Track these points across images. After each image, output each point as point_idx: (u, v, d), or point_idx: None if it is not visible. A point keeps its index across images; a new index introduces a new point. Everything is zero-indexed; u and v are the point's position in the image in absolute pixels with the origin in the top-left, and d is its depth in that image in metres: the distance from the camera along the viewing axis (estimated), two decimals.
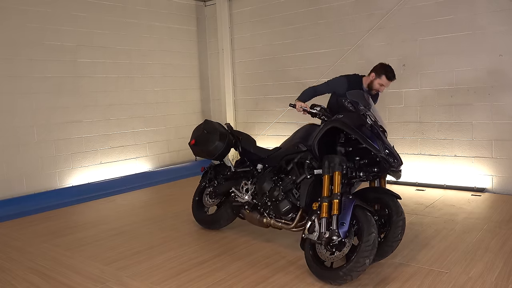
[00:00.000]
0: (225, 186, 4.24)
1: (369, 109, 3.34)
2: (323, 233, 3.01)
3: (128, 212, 5.23)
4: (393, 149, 3.23)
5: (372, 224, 2.95)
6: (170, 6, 7.47)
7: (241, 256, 3.66)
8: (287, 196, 3.55)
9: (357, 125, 3.17)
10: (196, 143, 4.30)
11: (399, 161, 3.22)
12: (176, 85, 7.62)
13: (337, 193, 3.08)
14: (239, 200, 3.97)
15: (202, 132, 4.32)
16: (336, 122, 3.23)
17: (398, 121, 5.95)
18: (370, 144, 3.08)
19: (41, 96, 5.85)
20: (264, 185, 3.71)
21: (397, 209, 3.25)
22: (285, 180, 3.61)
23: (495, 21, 5.10)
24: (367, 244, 2.88)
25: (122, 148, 6.81)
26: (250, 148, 4.17)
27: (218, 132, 4.21)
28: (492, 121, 5.24)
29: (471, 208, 4.72)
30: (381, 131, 3.27)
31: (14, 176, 5.62)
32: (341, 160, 3.20)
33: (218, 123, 4.42)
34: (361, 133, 3.11)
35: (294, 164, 3.59)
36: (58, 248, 4.06)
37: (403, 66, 5.81)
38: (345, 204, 3.02)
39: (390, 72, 3.97)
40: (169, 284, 3.19)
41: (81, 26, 6.23)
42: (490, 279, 3.01)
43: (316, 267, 3.09)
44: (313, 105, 3.59)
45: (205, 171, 4.55)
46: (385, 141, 3.20)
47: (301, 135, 3.75)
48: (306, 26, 6.72)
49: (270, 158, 3.92)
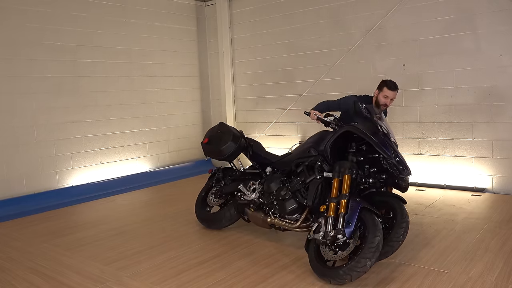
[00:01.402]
0: (232, 186, 4.27)
1: (382, 120, 3.45)
2: (329, 231, 3.04)
3: (128, 212, 5.23)
4: (403, 159, 3.32)
5: (379, 228, 2.98)
6: (170, 6, 7.47)
7: (241, 256, 3.66)
8: (294, 195, 3.59)
9: (371, 131, 3.25)
10: (209, 142, 4.34)
11: (408, 170, 3.31)
12: (176, 85, 7.62)
13: (345, 193, 3.14)
14: (245, 198, 3.99)
15: (216, 132, 4.37)
16: (350, 127, 3.32)
17: (398, 121, 5.95)
18: (383, 149, 3.17)
19: (41, 96, 5.84)
20: (272, 184, 3.77)
21: (402, 212, 3.30)
22: (293, 181, 3.66)
23: (495, 21, 5.10)
24: (371, 246, 2.89)
25: (122, 148, 6.81)
26: (261, 152, 4.24)
27: (231, 133, 4.26)
28: (492, 121, 5.24)
29: (471, 208, 4.72)
30: (393, 143, 3.36)
31: (14, 176, 5.62)
32: (351, 165, 3.28)
33: (232, 126, 4.49)
34: (374, 139, 3.19)
35: (304, 167, 3.63)
36: (58, 248, 4.06)
37: (403, 66, 5.81)
38: (352, 206, 3.07)
39: (390, 82, 4.10)
40: (169, 284, 3.19)
41: (81, 26, 6.23)
42: (490, 279, 3.01)
43: (317, 265, 3.10)
44: (327, 114, 3.64)
45: (212, 173, 4.58)
46: (397, 150, 3.31)
47: (313, 140, 3.83)
48: (306, 26, 6.71)
49: (280, 162, 3.98)
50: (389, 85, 4.06)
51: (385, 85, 4.07)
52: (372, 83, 6.07)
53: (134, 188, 6.53)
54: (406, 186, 3.46)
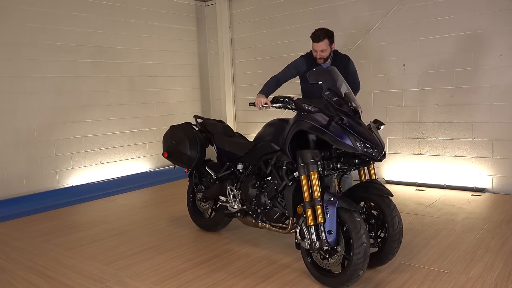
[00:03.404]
0: (212, 191, 4.08)
1: (334, 84, 3.09)
2: (314, 242, 2.89)
3: (128, 212, 5.23)
4: (370, 134, 2.95)
5: (361, 232, 2.75)
6: (170, 6, 7.47)
7: (241, 256, 3.66)
8: (274, 203, 3.42)
9: (324, 124, 2.94)
10: (169, 155, 4.15)
11: (379, 147, 2.93)
12: (176, 85, 7.62)
13: (317, 198, 2.90)
14: (230, 209, 3.86)
15: (171, 143, 4.13)
16: (302, 125, 3.05)
17: (398, 121, 5.95)
18: (343, 144, 2.84)
19: (41, 96, 5.84)
20: (249, 193, 3.56)
21: (393, 220, 3.02)
22: (268, 185, 3.44)
23: (495, 21, 5.10)
24: (358, 257, 2.74)
25: (122, 148, 6.81)
26: (225, 146, 3.94)
27: (186, 141, 4.02)
28: (492, 121, 5.24)
29: (471, 208, 4.72)
30: (352, 111, 3.01)
31: (14, 176, 5.62)
32: (313, 154, 2.96)
33: (185, 126, 4.18)
34: (330, 133, 2.88)
35: (272, 167, 3.39)
36: (58, 248, 4.06)
37: (403, 66, 5.81)
38: (327, 209, 2.84)
39: (314, 33, 3.88)
40: (169, 284, 3.19)
41: (81, 26, 6.23)
42: (490, 279, 3.01)
43: (316, 273, 3.06)
44: (274, 98, 3.28)
45: (189, 173, 4.40)
46: (359, 130, 2.91)
47: (271, 132, 3.52)
48: (306, 26, 6.71)
49: (247, 157, 3.72)
50: (313, 38, 3.87)
51: (311, 37, 3.88)
52: (372, 83, 6.09)
53: (134, 188, 6.53)
54: (381, 159, 3.01)
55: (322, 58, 3.96)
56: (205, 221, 4.33)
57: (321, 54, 3.93)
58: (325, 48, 3.90)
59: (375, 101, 6.09)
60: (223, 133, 4.09)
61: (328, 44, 3.92)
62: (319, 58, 3.96)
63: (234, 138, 4.03)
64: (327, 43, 3.91)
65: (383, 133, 6.08)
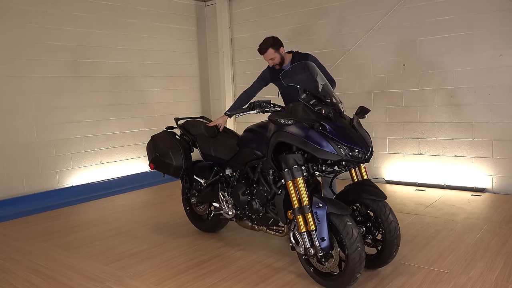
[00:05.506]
0: (204, 197, 4.08)
1: (310, 78, 3.06)
2: (308, 249, 2.88)
3: (128, 212, 5.23)
4: (354, 134, 2.86)
5: (354, 237, 2.70)
6: (170, 6, 7.47)
7: (241, 256, 3.66)
8: (267, 210, 3.40)
9: (304, 134, 2.83)
10: (156, 166, 4.09)
11: (365, 147, 2.84)
12: (176, 85, 7.62)
13: (306, 205, 2.85)
14: (224, 215, 3.86)
15: (155, 154, 4.06)
16: (282, 136, 2.96)
17: (398, 121, 5.95)
18: (325, 153, 2.75)
19: (41, 96, 5.84)
20: (241, 200, 3.53)
21: (389, 226, 2.97)
22: (259, 192, 3.41)
23: (495, 21, 5.10)
24: (354, 262, 2.71)
25: (122, 148, 6.81)
26: (210, 151, 3.87)
27: (169, 152, 3.92)
28: (492, 121, 5.24)
29: (471, 208, 4.72)
30: (331, 110, 2.92)
31: (14, 176, 5.62)
32: (296, 158, 2.91)
33: (164, 135, 4.12)
34: (311, 143, 2.78)
35: (259, 174, 3.38)
36: (58, 248, 4.06)
37: (403, 66, 5.81)
38: (318, 216, 2.80)
39: (259, 45, 4.08)
40: (169, 284, 3.19)
41: (81, 26, 6.23)
42: (490, 279, 3.01)
43: (316, 276, 3.06)
44: (251, 103, 3.25)
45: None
46: (342, 134, 2.81)
47: (252, 139, 3.46)
48: (306, 26, 6.71)
49: (233, 161, 3.69)
50: (259, 51, 4.08)
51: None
52: (372, 83, 6.10)
53: (134, 188, 6.53)
54: (368, 159, 2.92)
55: (276, 64, 4.13)
56: (204, 224, 4.32)
57: (272, 61, 4.13)
58: (272, 56, 4.09)
59: (375, 101, 6.10)
60: (207, 134, 3.98)
61: (274, 51, 4.10)
62: (273, 65, 4.14)
63: (219, 138, 3.92)
64: (272, 51, 4.08)
65: (382, 132, 6.09)
